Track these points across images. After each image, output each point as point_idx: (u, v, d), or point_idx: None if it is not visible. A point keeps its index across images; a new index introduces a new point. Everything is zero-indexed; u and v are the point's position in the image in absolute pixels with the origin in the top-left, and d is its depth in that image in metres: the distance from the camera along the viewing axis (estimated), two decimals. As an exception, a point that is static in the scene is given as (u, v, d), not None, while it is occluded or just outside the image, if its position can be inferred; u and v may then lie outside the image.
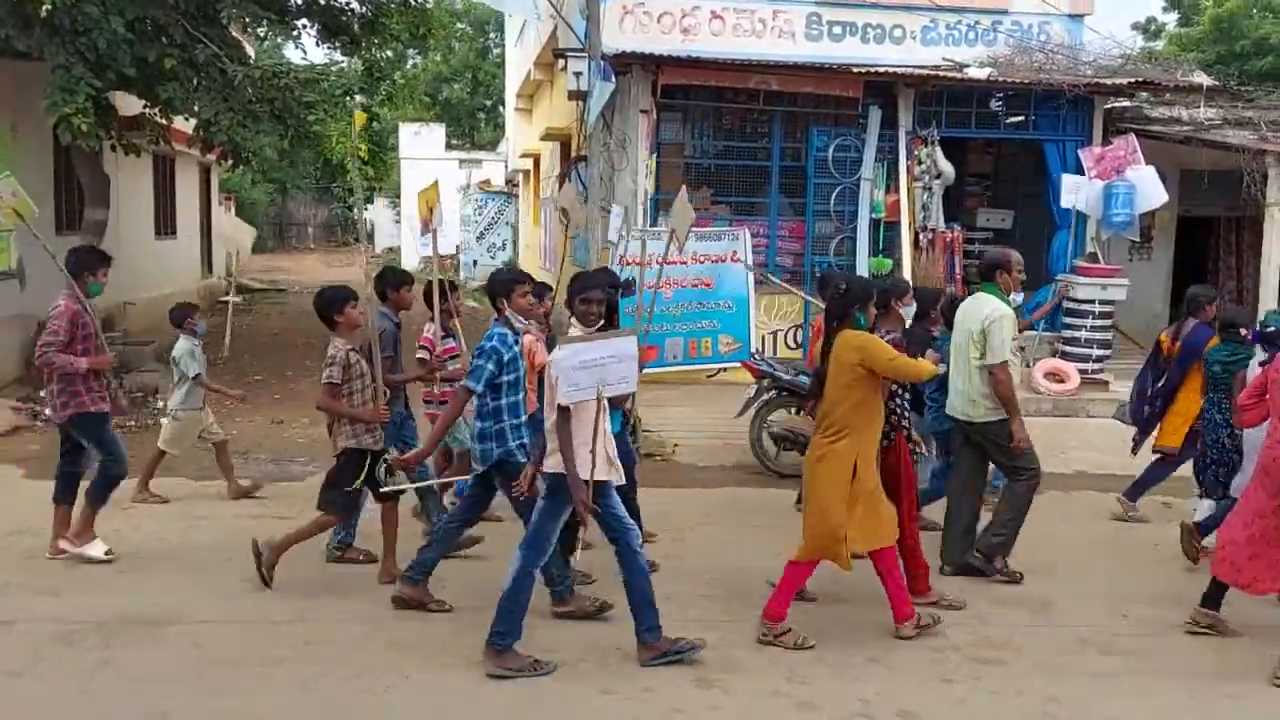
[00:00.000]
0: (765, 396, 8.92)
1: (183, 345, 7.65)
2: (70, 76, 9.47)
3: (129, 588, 5.80)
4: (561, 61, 12.58)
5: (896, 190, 11.43)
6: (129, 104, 11.76)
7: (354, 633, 5.29)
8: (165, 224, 17.44)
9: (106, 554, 6.17)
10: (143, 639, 5.13)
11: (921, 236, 11.49)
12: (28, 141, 11.65)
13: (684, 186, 8.30)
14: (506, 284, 5.64)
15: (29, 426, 9.71)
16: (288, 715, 4.46)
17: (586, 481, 4.80)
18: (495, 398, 5.37)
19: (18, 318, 11.30)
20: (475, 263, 26.22)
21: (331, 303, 5.84)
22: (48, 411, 6.22)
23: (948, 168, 11.53)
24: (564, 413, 4.81)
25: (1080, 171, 11.36)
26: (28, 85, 10.69)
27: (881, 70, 11.31)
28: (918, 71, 11.44)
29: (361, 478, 5.80)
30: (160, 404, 10.65)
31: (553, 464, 4.92)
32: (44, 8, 8.64)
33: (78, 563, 6.18)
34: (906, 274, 11.15)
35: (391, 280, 6.70)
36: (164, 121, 12.11)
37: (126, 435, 9.68)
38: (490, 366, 5.27)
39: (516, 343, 5.49)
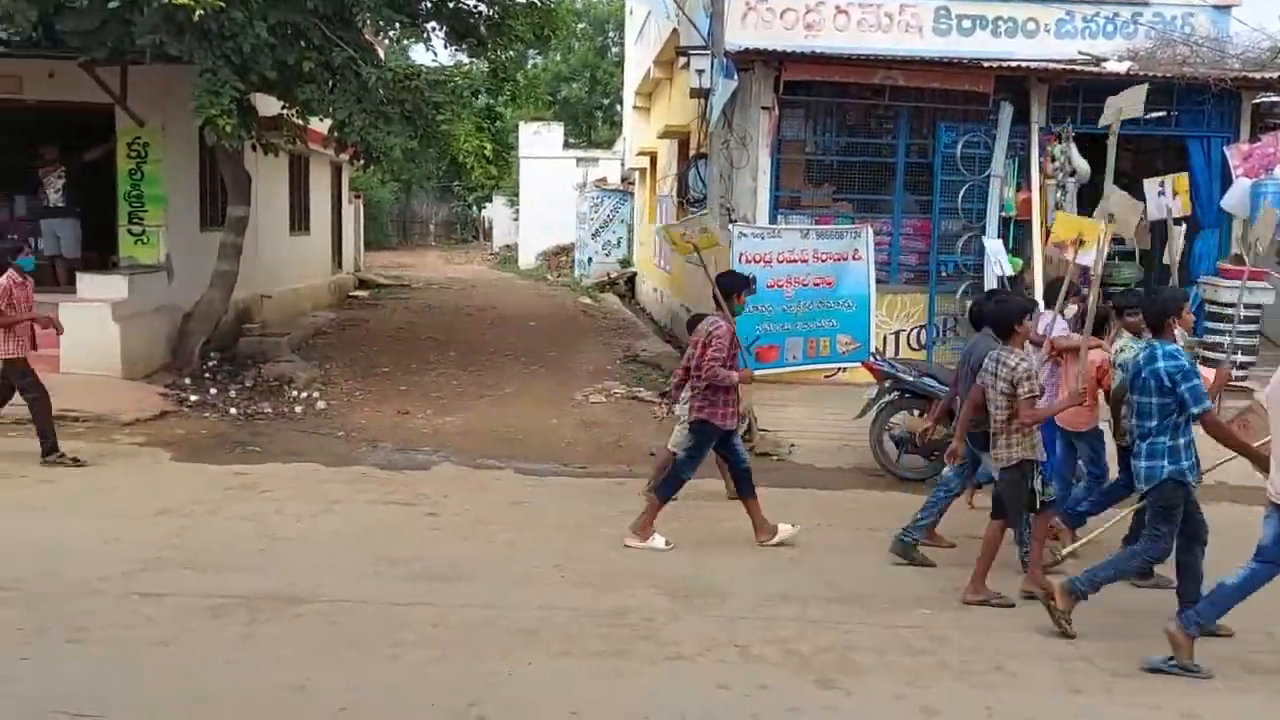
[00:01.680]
0: (887, 398, 8.79)
1: None
2: (216, 80, 9.93)
3: (269, 567, 6.07)
4: (683, 59, 12.61)
5: (1028, 188, 11.07)
6: (267, 105, 12.28)
7: (478, 617, 5.42)
8: (300, 220, 18.16)
9: (666, 543, 6.69)
10: (282, 615, 5.37)
11: (1053, 236, 11.14)
12: (175, 141, 12.28)
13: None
14: (1176, 302, 5.71)
15: (176, 411, 10.22)
16: (415, 692, 4.60)
17: None
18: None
19: (165, 308, 11.92)
20: (590, 260, 26.53)
21: (1014, 312, 6.09)
22: (677, 408, 7.12)
23: (1083, 165, 11.12)
24: None
25: (1225, 169, 10.82)
26: (173, 89, 11.26)
27: (1014, 64, 10.99)
28: (1052, 65, 11.06)
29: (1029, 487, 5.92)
30: (294, 394, 11.11)
31: None
32: (196, 13, 9.09)
33: (225, 541, 6.50)
34: (1037, 275, 10.81)
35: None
36: (300, 122, 12.60)
37: (267, 422, 10.15)
38: (1199, 382, 5.31)
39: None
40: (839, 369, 10.33)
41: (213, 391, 10.99)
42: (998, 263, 8.58)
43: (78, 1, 9.82)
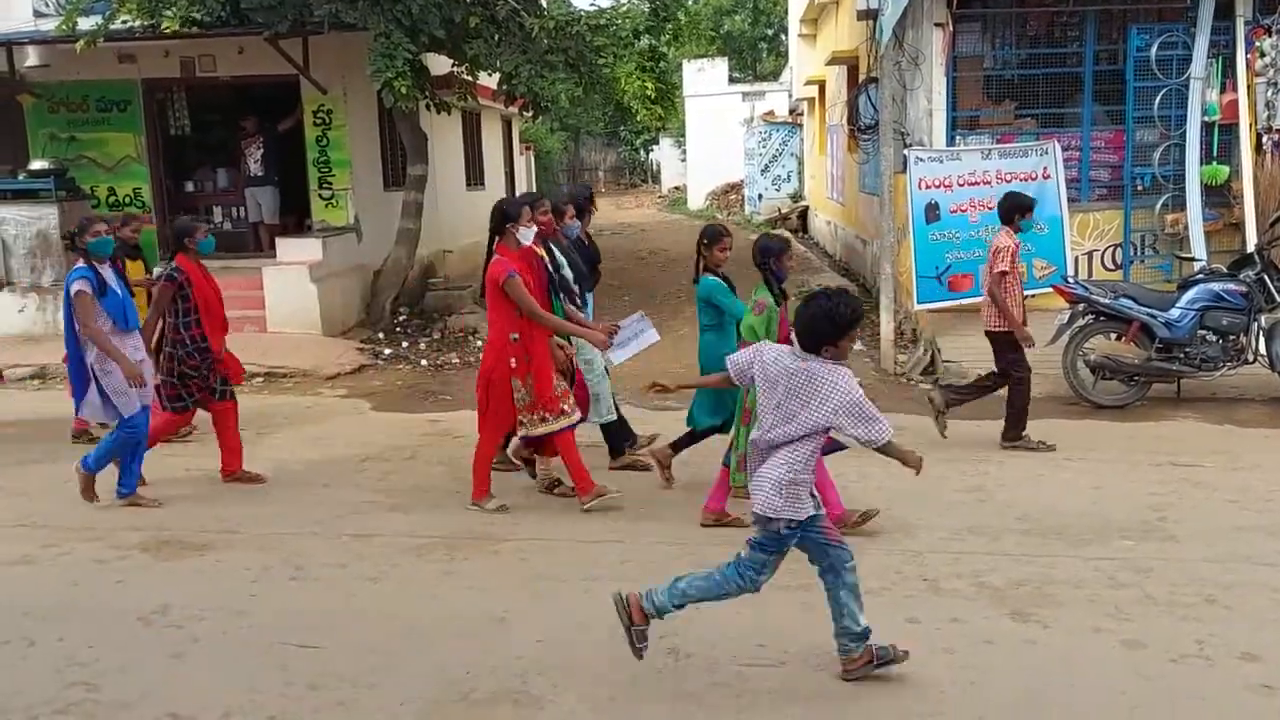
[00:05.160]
0: (1080, 322, 8.37)
1: None
2: (390, 43, 10.29)
3: (465, 510, 6.37)
4: (849, -19, 12.16)
5: (1234, 89, 10.19)
6: (438, 65, 12.62)
7: (665, 553, 5.54)
8: (475, 175, 18.71)
9: None
10: (480, 553, 5.65)
11: (1265, 139, 10.21)
12: (356, 107, 12.82)
13: None
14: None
15: (372, 365, 10.81)
16: (608, 624, 4.75)
17: None
18: None
19: (357, 268, 12.57)
20: (760, 196, 26.19)
21: None
22: None
23: (1297, 58, 10.14)
24: None
25: None
26: (351, 56, 11.74)
27: (1215, -48, 10.08)
28: (1260, -50, 10.09)
29: None
30: (479, 344, 11.52)
31: None
32: (367, -21, 9.44)
33: (424, 484, 6.87)
34: (1246, 183, 9.98)
35: None
36: (470, 78, 12.91)
37: (455, 372, 10.59)
38: None
39: None
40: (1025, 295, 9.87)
41: (404, 345, 11.55)
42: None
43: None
